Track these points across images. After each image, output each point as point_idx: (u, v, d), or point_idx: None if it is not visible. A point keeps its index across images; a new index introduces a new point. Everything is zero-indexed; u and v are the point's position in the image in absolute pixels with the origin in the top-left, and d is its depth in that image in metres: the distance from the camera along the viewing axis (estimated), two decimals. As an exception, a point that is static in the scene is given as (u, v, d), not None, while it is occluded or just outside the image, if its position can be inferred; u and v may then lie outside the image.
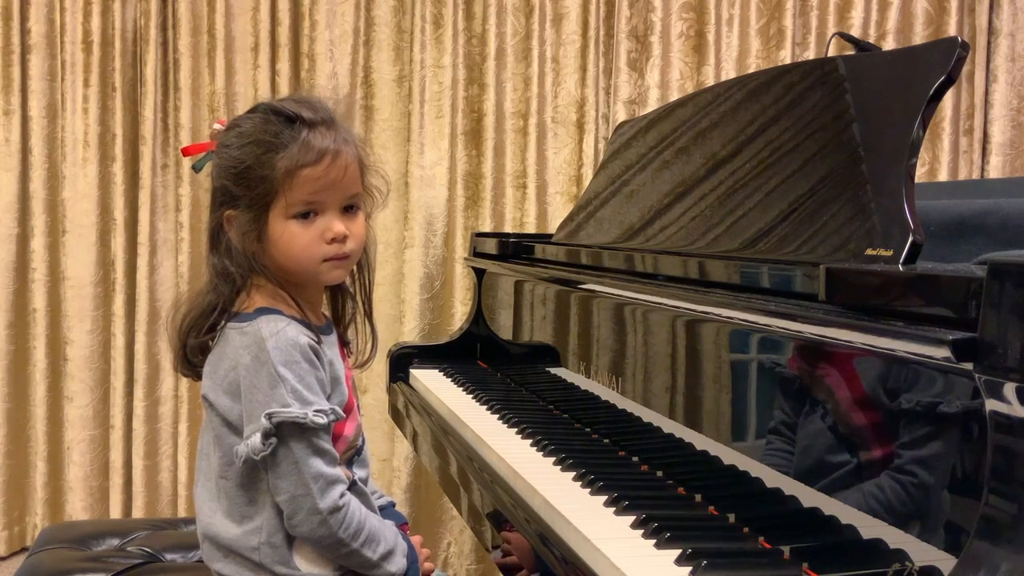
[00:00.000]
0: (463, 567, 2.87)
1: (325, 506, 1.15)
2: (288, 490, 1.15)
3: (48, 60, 2.96)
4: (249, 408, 1.16)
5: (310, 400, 1.15)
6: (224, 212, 1.20)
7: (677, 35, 2.78)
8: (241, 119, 1.23)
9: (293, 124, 1.19)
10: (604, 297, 1.49)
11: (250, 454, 1.14)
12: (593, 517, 1.09)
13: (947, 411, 0.80)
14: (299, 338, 1.17)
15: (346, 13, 2.90)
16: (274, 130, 1.18)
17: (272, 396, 1.14)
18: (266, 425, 1.13)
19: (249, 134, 1.19)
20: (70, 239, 2.96)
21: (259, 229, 1.19)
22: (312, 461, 1.15)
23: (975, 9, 2.72)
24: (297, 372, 1.16)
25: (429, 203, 2.89)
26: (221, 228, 1.21)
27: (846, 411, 0.93)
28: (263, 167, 1.18)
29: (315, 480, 1.15)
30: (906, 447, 0.84)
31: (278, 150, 1.17)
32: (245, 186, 1.18)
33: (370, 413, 2.92)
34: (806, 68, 1.39)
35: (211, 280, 1.22)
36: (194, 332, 1.23)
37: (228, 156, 1.20)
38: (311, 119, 1.19)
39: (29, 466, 3.01)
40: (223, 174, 1.20)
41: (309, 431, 1.15)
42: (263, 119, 1.20)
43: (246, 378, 1.16)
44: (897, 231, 1.00)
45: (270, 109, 1.21)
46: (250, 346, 1.16)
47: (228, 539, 1.20)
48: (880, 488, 0.87)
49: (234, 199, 1.20)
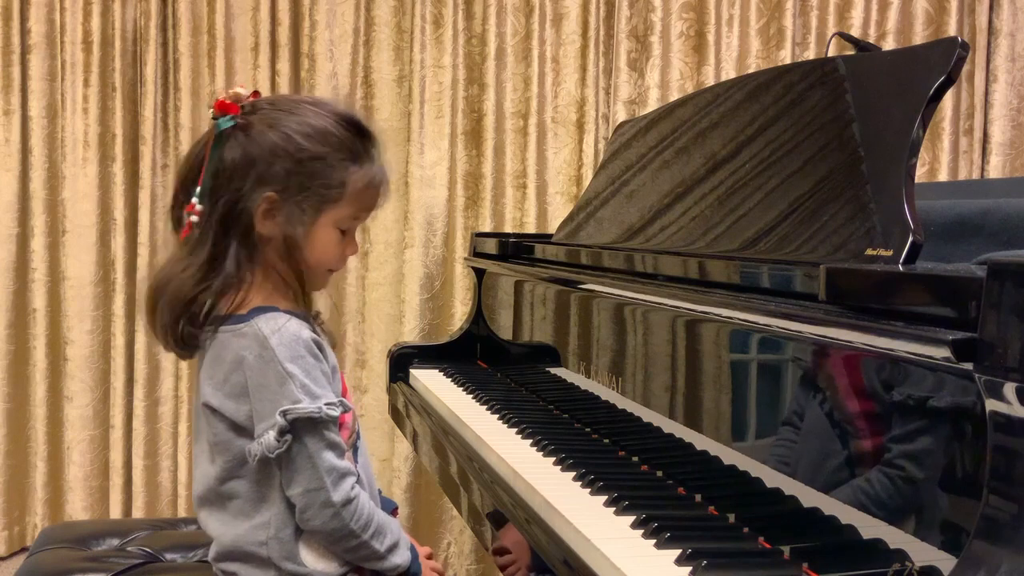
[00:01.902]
0: (463, 567, 2.87)
1: (338, 499, 1.15)
2: (302, 484, 1.15)
3: (48, 60, 2.96)
4: (260, 407, 1.15)
5: (319, 394, 1.15)
6: (264, 194, 1.16)
7: (677, 35, 2.78)
8: (303, 108, 1.20)
9: (366, 140, 1.22)
10: (604, 297, 1.49)
11: (265, 452, 1.13)
12: (593, 517, 1.09)
13: (947, 411, 0.80)
14: (302, 332, 1.17)
15: (346, 13, 2.90)
16: (356, 140, 1.20)
17: (282, 393, 1.14)
18: (281, 423, 1.12)
19: (326, 132, 1.18)
20: (70, 239, 2.96)
21: (307, 223, 1.18)
22: (325, 455, 1.16)
23: (975, 9, 2.72)
24: (304, 367, 1.15)
25: (429, 203, 2.89)
26: (243, 208, 1.17)
27: (846, 411, 0.93)
28: (338, 171, 1.18)
29: (329, 473, 1.15)
30: (906, 447, 0.84)
31: (360, 162, 1.20)
32: (307, 177, 1.17)
33: (370, 413, 2.92)
34: (806, 68, 1.39)
35: (202, 267, 1.18)
36: (184, 320, 1.19)
37: (294, 142, 1.16)
38: (378, 141, 1.23)
39: (29, 466, 3.01)
40: (279, 156, 1.16)
41: (322, 425, 1.15)
42: (337, 122, 1.20)
43: (253, 378, 1.15)
44: (897, 231, 1.00)
45: (343, 117, 1.21)
46: (251, 346, 1.15)
47: (235, 536, 1.20)
48: (880, 488, 0.87)
49: (285, 185, 1.17)
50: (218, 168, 1.17)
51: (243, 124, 1.18)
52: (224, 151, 1.17)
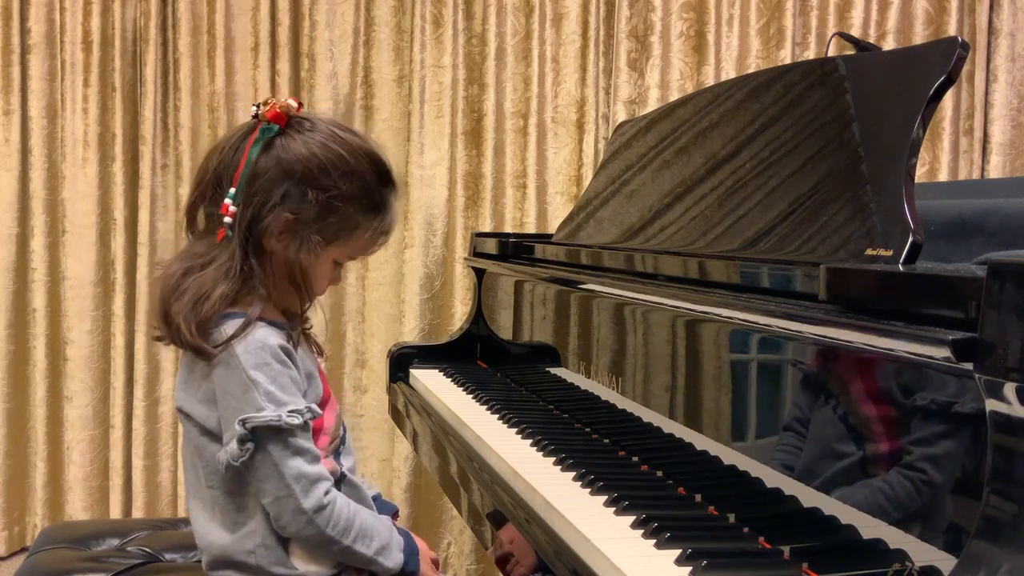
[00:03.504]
0: (463, 567, 2.87)
1: (309, 505, 1.15)
2: (271, 492, 1.16)
3: (48, 60, 2.96)
4: (224, 415, 1.16)
5: (284, 401, 1.15)
6: (283, 214, 1.18)
7: (677, 35, 2.78)
8: (343, 142, 1.21)
9: (389, 190, 1.25)
10: (604, 297, 1.49)
11: (230, 460, 1.14)
12: (593, 517, 1.09)
13: (947, 411, 0.80)
14: (268, 339, 1.17)
15: (346, 13, 2.90)
16: (381, 189, 1.23)
17: (245, 401, 1.14)
18: (240, 431, 1.13)
19: (358, 175, 1.21)
20: (70, 239, 2.96)
21: (316, 254, 1.21)
22: (291, 462, 1.15)
23: (975, 9, 2.72)
24: (268, 374, 1.15)
25: (429, 203, 2.89)
26: (262, 220, 1.18)
27: (846, 411, 0.93)
28: (357, 215, 1.22)
29: (296, 480, 1.15)
30: (906, 447, 0.84)
31: (377, 212, 1.23)
32: (329, 212, 1.19)
33: (370, 413, 2.92)
34: (806, 68, 1.39)
35: (223, 268, 1.18)
36: (198, 317, 1.17)
37: (329, 176, 1.18)
38: (399, 192, 1.26)
39: (29, 466, 3.01)
40: (310, 183, 1.18)
41: (285, 432, 1.15)
42: (370, 167, 1.22)
43: (219, 385, 1.16)
44: (897, 231, 1.00)
45: (375, 163, 1.23)
46: (218, 352, 1.16)
47: (223, 546, 1.20)
48: (880, 488, 0.87)
49: (304, 211, 1.18)
50: (253, 173, 1.18)
51: (285, 137, 1.19)
52: (263, 159, 1.18)
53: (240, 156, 1.19)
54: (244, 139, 1.20)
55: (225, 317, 1.17)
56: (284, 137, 1.19)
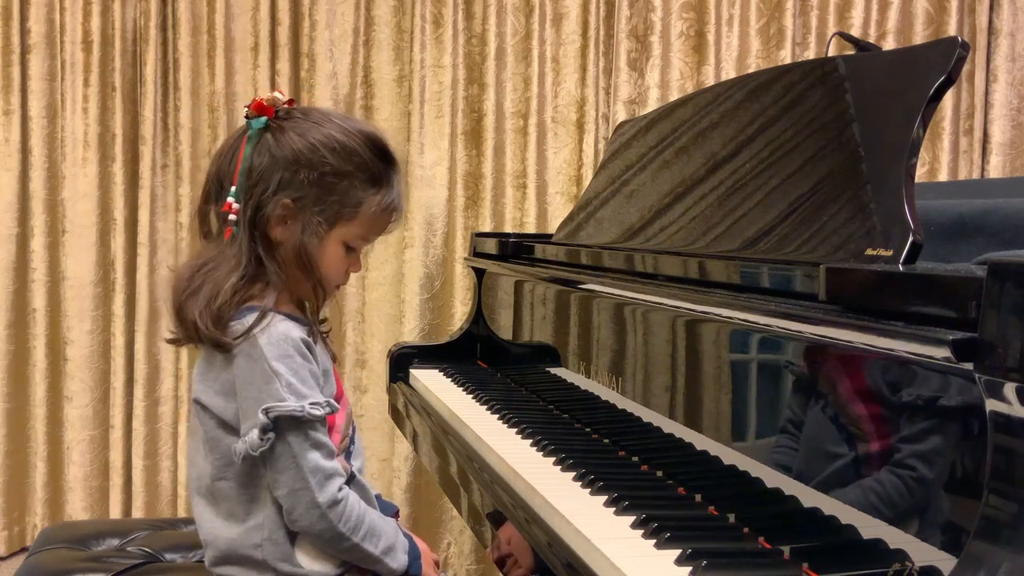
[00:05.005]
0: (463, 567, 2.87)
1: (324, 499, 1.16)
2: (287, 484, 1.16)
3: (48, 60, 2.96)
4: (245, 405, 1.16)
5: (305, 393, 1.16)
6: (282, 200, 1.19)
7: (677, 35, 2.78)
8: (333, 123, 1.22)
9: (389, 165, 1.24)
10: (604, 297, 1.49)
11: (249, 451, 1.14)
12: (593, 517, 1.09)
13: (947, 411, 0.80)
14: (291, 332, 1.18)
15: (346, 13, 2.90)
16: (379, 164, 1.23)
17: (267, 391, 1.14)
18: (263, 420, 1.13)
19: (352, 151, 1.21)
20: (70, 239, 2.96)
21: (320, 236, 1.21)
22: (310, 455, 1.16)
23: (975, 9, 2.72)
24: (291, 366, 1.16)
25: (429, 203, 2.89)
26: (263, 210, 1.19)
27: (846, 411, 0.93)
28: (356, 191, 1.21)
29: (313, 473, 1.16)
30: (906, 447, 0.84)
31: (378, 186, 1.23)
32: (326, 191, 1.20)
33: (370, 413, 2.92)
34: (806, 68, 1.39)
35: (233, 263, 1.19)
36: (213, 314, 1.17)
37: (319, 155, 1.19)
38: (399, 169, 1.26)
39: (29, 466, 3.01)
40: (303, 165, 1.19)
41: (306, 424, 1.15)
42: (363, 143, 1.22)
43: (240, 376, 1.16)
44: (897, 231, 1.00)
45: (370, 139, 1.23)
46: (241, 344, 1.16)
47: (230, 540, 1.20)
48: (880, 488, 0.87)
49: (302, 195, 1.19)
50: (249, 168, 1.20)
51: (275, 128, 1.21)
52: (254, 153, 1.20)
53: (237, 155, 1.21)
54: (239, 139, 1.23)
55: (245, 311, 1.18)
56: (274, 128, 1.21)
